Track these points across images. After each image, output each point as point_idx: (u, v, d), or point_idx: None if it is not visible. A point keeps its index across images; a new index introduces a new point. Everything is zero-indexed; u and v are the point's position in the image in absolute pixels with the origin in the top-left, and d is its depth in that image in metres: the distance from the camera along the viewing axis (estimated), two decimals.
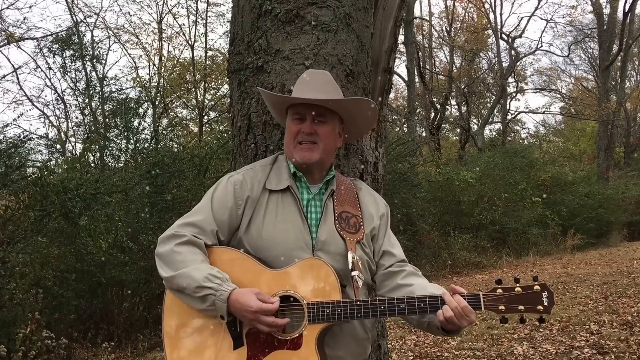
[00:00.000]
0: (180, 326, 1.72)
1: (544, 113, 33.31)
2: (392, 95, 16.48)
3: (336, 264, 1.71)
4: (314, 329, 1.64)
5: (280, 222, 1.75)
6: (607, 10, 23.08)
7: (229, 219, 1.77)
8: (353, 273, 1.71)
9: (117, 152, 11.56)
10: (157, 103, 19.15)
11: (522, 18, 66.83)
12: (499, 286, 1.65)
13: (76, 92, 18.92)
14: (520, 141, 28.46)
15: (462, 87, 25.60)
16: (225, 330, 1.67)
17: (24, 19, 23.25)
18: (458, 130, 26.68)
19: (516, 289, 1.64)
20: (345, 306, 1.63)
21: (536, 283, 1.64)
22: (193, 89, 20.48)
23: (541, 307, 1.62)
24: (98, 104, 18.08)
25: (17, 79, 21.05)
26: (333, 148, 1.87)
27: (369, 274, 1.83)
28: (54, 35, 17.70)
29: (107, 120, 15.18)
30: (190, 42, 20.34)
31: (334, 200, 1.83)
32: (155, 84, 19.96)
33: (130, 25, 26.29)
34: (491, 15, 25.81)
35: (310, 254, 1.72)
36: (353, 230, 1.79)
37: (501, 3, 31.67)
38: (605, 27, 22.88)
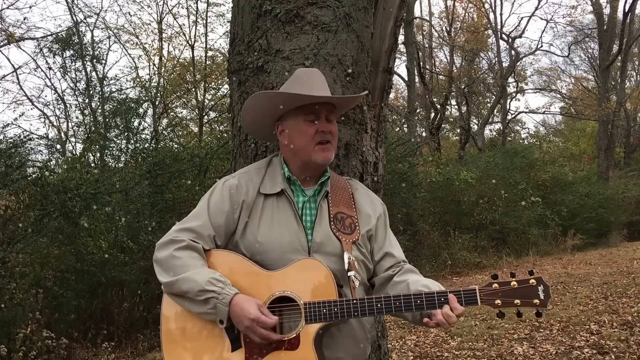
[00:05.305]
0: (178, 329, 1.72)
1: (544, 113, 33.37)
2: (392, 95, 16.48)
3: (332, 265, 1.71)
4: (311, 329, 1.64)
5: (276, 226, 1.75)
6: (607, 10, 23.07)
7: (226, 223, 1.77)
8: (350, 273, 1.70)
9: (117, 152, 11.58)
10: (157, 103, 19.17)
11: (522, 18, 66.65)
12: (495, 281, 1.65)
13: (76, 92, 18.94)
14: (520, 141, 28.41)
15: (462, 87, 25.56)
16: (223, 332, 1.67)
17: (24, 19, 23.28)
18: (458, 130, 26.67)
19: (512, 283, 1.64)
20: (341, 305, 1.63)
21: (532, 277, 1.64)
22: (193, 89, 20.47)
23: (537, 301, 1.62)
24: (98, 104, 18.08)
25: (17, 79, 21.08)
26: None
27: (365, 274, 1.83)
28: (54, 35, 17.72)
29: (107, 120, 15.17)
30: (190, 42, 20.35)
31: (328, 202, 1.83)
32: (155, 84, 19.96)
33: (130, 25, 26.25)
34: (491, 15, 25.80)
35: (306, 256, 1.72)
36: (348, 231, 1.79)
37: (501, 3, 31.60)
38: (605, 27, 22.86)
